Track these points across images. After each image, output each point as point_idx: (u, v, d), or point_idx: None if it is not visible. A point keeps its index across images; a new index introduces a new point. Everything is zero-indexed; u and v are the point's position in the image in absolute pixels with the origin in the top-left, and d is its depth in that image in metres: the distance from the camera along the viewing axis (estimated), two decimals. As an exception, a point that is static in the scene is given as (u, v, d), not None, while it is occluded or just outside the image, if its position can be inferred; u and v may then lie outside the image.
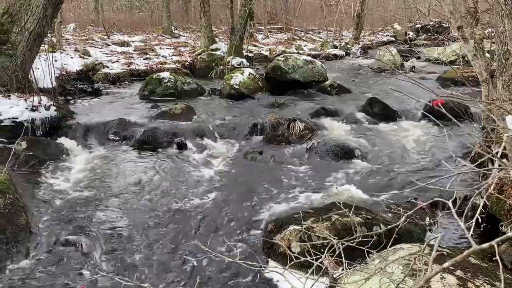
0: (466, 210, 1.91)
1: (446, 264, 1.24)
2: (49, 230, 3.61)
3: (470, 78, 6.77)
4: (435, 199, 1.70)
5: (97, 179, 4.81)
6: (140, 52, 13.72)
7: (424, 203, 2.41)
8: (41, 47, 7.15)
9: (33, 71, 6.86)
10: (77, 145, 5.82)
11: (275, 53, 14.82)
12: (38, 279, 2.97)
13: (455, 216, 1.34)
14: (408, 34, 22.84)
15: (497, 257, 1.16)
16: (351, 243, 1.82)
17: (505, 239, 1.15)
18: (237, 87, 8.76)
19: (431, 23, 22.95)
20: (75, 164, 5.21)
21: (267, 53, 15.26)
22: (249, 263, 1.93)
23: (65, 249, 3.32)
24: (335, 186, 4.65)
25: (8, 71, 6.51)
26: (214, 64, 11.89)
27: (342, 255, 1.87)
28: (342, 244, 1.87)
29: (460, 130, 5.57)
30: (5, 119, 5.92)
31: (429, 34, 20.87)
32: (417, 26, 23.72)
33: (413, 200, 4.15)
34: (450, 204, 1.41)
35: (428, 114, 2.89)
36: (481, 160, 2.65)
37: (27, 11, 6.53)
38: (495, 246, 1.12)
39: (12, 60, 6.54)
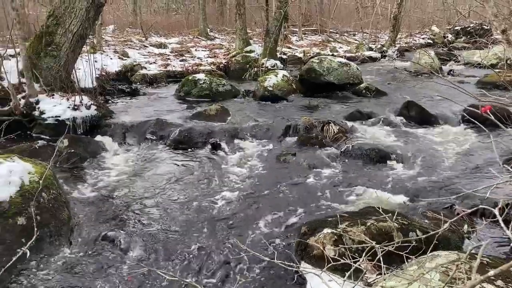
0: None
1: (491, 273, 1.21)
2: (90, 224, 3.74)
3: (512, 82, 6.54)
4: (480, 206, 1.67)
5: (135, 177, 4.95)
6: (176, 53, 13.98)
7: (468, 210, 2.35)
8: (83, 48, 7.42)
9: (75, 71, 7.12)
10: (116, 144, 6.00)
11: (309, 55, 14.77)
12: (79, 271, 3.09)
13: (502, 224, 1.31)
14: (447, 37, 22.25)
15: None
16: (387, 247, 1.81)
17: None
18: (271, 89, 8.79)
19: (471, 25, 22.28)
20: (114, 162, 5.38)
21: (301, 55, 15.22)
22: (287, 263, 1.94)
23: (104, 244, 3.44)
24: (370, 190, 4.59)
25: (52, 71, 6.79)
26: (248, 66, 11.98)
27: (381, 259, 1.86)
28: (381, 248, 1.86)
29: (502, 135, 5.40)
30: (49, 117, 6.19)
31: (469, 36, 20.27)
32: (456, 28, 23.07)
33: (456, 207, 4.05)
34: (496, 212, 1.38)
35: (471, 119, 2.82)
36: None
37: (71, 14, 6.78)
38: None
39: (56, 61, 6.81)
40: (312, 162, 5.49)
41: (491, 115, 1.59)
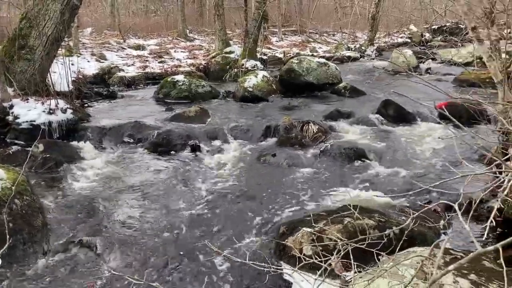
0: (486, 213, 1.88)
1: (451, 267, 1.23)
2: (65, 231, 3.67)
3: (487, 80, 6.66)
4: (441, 201, 1.69)
5: (112, 181, 4.88)
6: (155, 55, 13.87)
7: (430, 205, 2.40)
8: (58, 51, 7.29)
9: (50, 74, 7.00)
10: (93, 147, 5.91)
11: (289, 55, 14.81)
12: (54, 279, 3.03)
13: (461, 218, 1.34)
14: (424, 36, 22.60)
15: (501, 261, 1.15)
16: (360, 244, 1.82)
17: (510, 242, 1.14)
18: (251, 89, 8.79)
19: (447, 24, 22.68)
20: (91, 166, 5.29)
21: (281, 55, 15.26)
22: (258, 264, 1.94)
23: (80, 250, 3.38)
24: (348, 189, 4.62)
25: (26, 75, 6.66)
26: (228, 67, 11.96)
27: (351, 256, 1.87)
28: (351, 245, 1.87)
29: (479, 132, 5.49)
30: (23, 122, 6.06)
31: (445, 35, 20.61)
32: (433, 27, 23.44)
33: (425, 204, 4.11)
34: (456, 206, 1.40)
35: (436, 119, 2.86)
36: (496, 162, 2.61)
37: (45, 16, 6.65)
38: (500, 249, 1.11)
39: (30, 64, 6.68)
40: (292, 162, 5.51)
41: (446, 111, 1.62)
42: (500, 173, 1.95)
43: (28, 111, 6.16)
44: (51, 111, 6.19)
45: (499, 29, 4.68)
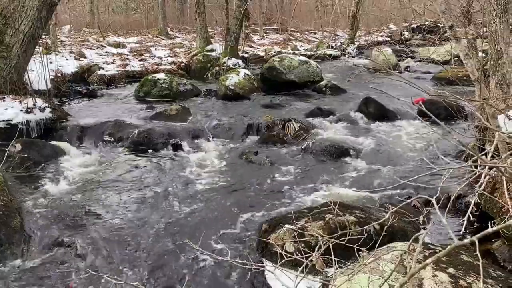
0: (465, 208, 1.92)
1: (429, 260, 1.26)
2: (44, 231, 3.60)
3: (465, 78, 6.78)
4: (419, 196, 1.72)
5: (92, 181, 4.81)
6: (135, 53, 13.70)
7: (409, 200, 2.45)
8: (36, 49, 7.14)
9: (27, 73, 6.85)
10: (72, 147, 5.82)
11: (271, 53, 14.84)
12: (32, 281, 2.97)
13: (438, 212, 1.36)
14: (404, 34, 22.87)
15: (478, 253, 1.18)
16: (341, 240, 1.84)
17: (485, 234, 1.17)
18: (232, 87, 8.77)
19: (426, 23, 22.99)
20: (70, 166, 5.20)
21: (262, 53, 15.28)
22: (240, 261, 1.94)
23: (59, 250, 3.32)
24: (330, 186, 4.66)
25: (3, 73, 6.51)
26: (209, 65, 11.90)
27: (332, 253, 1.88)
28: (332, 242, 1.89)
29: (456, 129, 5.61)
30: (0, 121, 5.92)
31: (424, 33, 20.90)
32: (412, 26, 23.73)
33: (412, 198, 4.16)
34: (434, 201, 1.43)
35: (416, 115, 2.91)
36: (474, 158, 2.67)
37: (21, 13, 6.52)
38: (476, 242, 1.14)
39: (7, 62, 6.53)
40: (274, 160, 5.52)
41: (423, 106, 1.65)
42: (477, 167, 1.99)
43: (5, 110, 6.03)
44: (29, 110, 6.07)
45: (475, 27, 4.79)
